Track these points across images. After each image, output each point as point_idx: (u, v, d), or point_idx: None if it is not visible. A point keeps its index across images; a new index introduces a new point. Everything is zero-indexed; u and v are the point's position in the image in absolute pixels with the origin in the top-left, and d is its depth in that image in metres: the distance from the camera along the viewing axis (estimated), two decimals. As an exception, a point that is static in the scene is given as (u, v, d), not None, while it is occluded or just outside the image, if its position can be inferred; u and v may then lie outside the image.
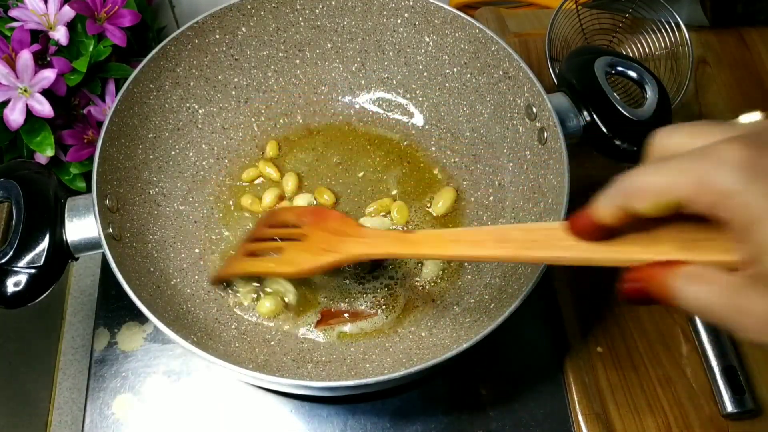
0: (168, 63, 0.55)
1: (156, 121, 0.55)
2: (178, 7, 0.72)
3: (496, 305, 0.50)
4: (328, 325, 0.53)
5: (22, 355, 0.63)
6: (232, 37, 0.58)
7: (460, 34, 0.56)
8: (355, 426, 0.54)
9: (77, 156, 0.58)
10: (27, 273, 0.44)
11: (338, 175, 0.60)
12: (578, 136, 0.52)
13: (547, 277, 0.58)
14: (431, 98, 0.61)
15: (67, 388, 0.67)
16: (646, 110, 0.51)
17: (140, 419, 0.54)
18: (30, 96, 0.54)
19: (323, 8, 0.58)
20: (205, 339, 0.49)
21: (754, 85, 0.71)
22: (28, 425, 0.62)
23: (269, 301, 0.53)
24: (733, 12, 0.74)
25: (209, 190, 0.59)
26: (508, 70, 0.54)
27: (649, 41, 0.67)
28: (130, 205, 0.52)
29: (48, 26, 0.56)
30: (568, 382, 0.55)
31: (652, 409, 0.54)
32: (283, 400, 0.54)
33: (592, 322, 0.58)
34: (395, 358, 0.50)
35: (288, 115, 0.62)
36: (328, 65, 0.62)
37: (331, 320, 0.53)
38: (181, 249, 0.55)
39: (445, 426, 0.53)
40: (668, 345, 0.57)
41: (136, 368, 0.56)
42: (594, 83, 0.52)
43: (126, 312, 0.58)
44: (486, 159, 0.58)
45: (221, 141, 0.60)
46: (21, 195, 0.46)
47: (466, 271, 0.55)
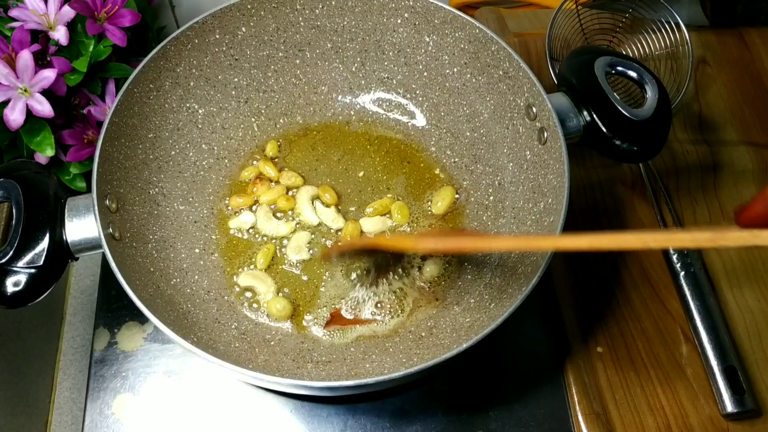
0: (168, 63, 0.55)
1: (156, 121, 0.55)
2: (178, 7, 0.72)
3: (496, 305, 0.50)
4: (336, 326, 0.53)
5: (22, 355, 0.63)
6: (232, 37, 0.58)
7: (460, 34, 0.56)
8: (355, 426, 0.54)
9: (77, 156, 0.58)
10: (27, 273, 0.44)
11: (338, 174, 0.60)
12: (578, 136, 0.52)
13: (547, 277, 0.58)
14: (431, 98, 0.61)
15: (67, 388, 0.67)
16: (646, 110, 0.51)
17: (140, 419, 0.54)
18: (30, 96, 0.54)
19: (323, 8, 0.58)
20: (205, 339, 0.49)
21: (754, 85, 0.71)
22: (28, 425, 0.62)
23: (280, 303, 0.53)
24: (733, 12, 0.74)
25: (209, 190, 0.59)
26: (508, 70, 0.54)
27: (649, 41, 0.67)
28: (130, 205, 0.52)
29: (48, 26, 0.56)
30: (568, 382, 0.55)
31: (652, 409, 0.54)
32: (283, 400, 0.54)
33: (592, 322, 0.58)
34: (395, 358, 0.50)
35: (288, 115, 0.62)
36: (328, 65, 0.62)
37: (338, 323, 0.53)
38: (181, 249, 0.55)
39: (445, 426, 0.53)
40: (668, 345, 0.57)
41: (136, 368, 0.56)
42: (594, 83, 0.52)
43: (126, 312, 0.58)
44: (486, 159, 0.58)
45: (221, 141, 0.60)
46: (21, 195, 0.46)
47: (466, 271, 0.55)
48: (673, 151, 0.66)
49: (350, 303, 0.54)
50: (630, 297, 0.59)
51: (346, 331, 0.53)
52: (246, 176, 0.59)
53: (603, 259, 0.61)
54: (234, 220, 0.57)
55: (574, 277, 0.59)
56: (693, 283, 0.58)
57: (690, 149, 0.67)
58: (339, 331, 0.53)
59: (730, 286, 0.59)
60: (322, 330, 0.53)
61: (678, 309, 0.58)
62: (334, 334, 0.53)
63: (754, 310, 0.58)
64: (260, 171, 0.59)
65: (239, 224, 0.57)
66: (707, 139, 0.67)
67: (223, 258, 0.56)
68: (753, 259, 0.61)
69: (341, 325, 0.53)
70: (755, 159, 0.66)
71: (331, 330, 0.53)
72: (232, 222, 0.57)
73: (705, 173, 0.66)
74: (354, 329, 0.53)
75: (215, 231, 0.57)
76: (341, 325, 0.53)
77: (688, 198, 0.64)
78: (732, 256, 0.61)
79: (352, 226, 0.57)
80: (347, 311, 0.54)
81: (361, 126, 0.62)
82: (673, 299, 0.58)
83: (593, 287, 0.59)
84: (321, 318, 0.53)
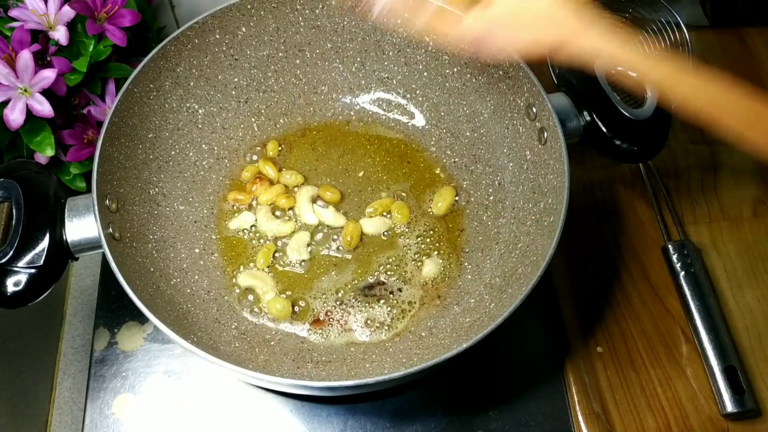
0: (168, 63, 0.55)
1: (156, 121, 0.55)
2: (178, 7, 0.72)
3: (496, 305, 0.50)
4: (322, 326, 0.53)
5: (22, 355, 0.63)
6: (232, 37, 0.58)
7: (460, 34, 0.56)
8: (355, 426, 0.54)
9: (77, 156, 0.58)
10: (27, 273, 0.44)
11: (338, 174, 0.60)
12: (578, 136, 0.52)
13: (547, 277, 0.58)
14: (431, 98, 0.61)
15: (67, 388, 0.67)
16: (646, 110, 0.51)
17: (140, 419, 0.54)
18: (30, 96, 0.54)
19: (323, 8, 0.58)
20: (205, 339, 0.49)
21: (754, 85, 0.71)
22: (28, 425, 0.62)
23: (280, 303, 0.53)
24: (733, 12, 0.74)
25: (209, 190, 0.59)
26: (508, 70, 0.54)
27: (649, 41, 0.67)
28: (130, 205, 0.52)
29: (48, 26, 0.56)
30: (568, 382, 0.55)
31: (652, 409, 0.54)
32: (283, 400, 0.54)
33: (592, 322, 0.58)
34: (395, 358, 0.50)
35: (288, 115, 0.62)
36: (328, 65, 0.61)
37: (324, 325, 0.53)
38: (181, 249, 0.55)
39: (445, 426, 0.53)
40: (668, 345, 0.57)
41: (136, 368, 0.56)
42: (594, 83, 0.52)
43: (126, 312, 0.58)
44: (486, 159, 0.58)
45: (221, 141, 0.60)
46: (21, 195, 0.46)
47: (466, 271, 0.55)
48: (673, 151, 0.66)
49: (341, 310, 0.54)
50: (630, 297, 0.59)
51: (346, 332, 0.53)
52: (246, 176, 0.59)
53: (603, 259, 0.61)
54: (234, 220, 0.57)
55: (574, 277, 0.59)
56: (693, 283, 0.58)
57: (690, 149, 0.67)
58: (337, 332, 0.53)
59: (730, 286, 0.59)
60: (314, 328, 0.53)
61: (678, 309, 0.58)
62: (330, 333, 0.53)
63: (754, 310, 0.58)
64: (260, 171, 0.59)
65: (239, 224, 0.57)
66: (707, 139, 0.67)
67: (223, 258, 0.56)
68: (753, 259, 0.61)
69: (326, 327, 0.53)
70: (755, 159, 0.66)
71: (316, 329, 0.53)
72: (232, 222, 0.57)
73: (705, 173, 0.66)
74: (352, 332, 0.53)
75: (215, 231, 0.57)
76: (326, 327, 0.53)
77: (688, 198, 0.64)
78: (732, 256, 0.61)
79: (353, 225, 0.56)
80: (336, 318, 0.53)
81: (361, 126, 0.62)
82: (673, 299, 0.58)
83: (593, 287, 0.59)
84: (319, 316, 0.53)
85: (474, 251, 0.56)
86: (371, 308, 0.54)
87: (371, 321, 0.53)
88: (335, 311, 0.54)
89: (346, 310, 0.54)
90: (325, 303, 0.54)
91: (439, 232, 0.57)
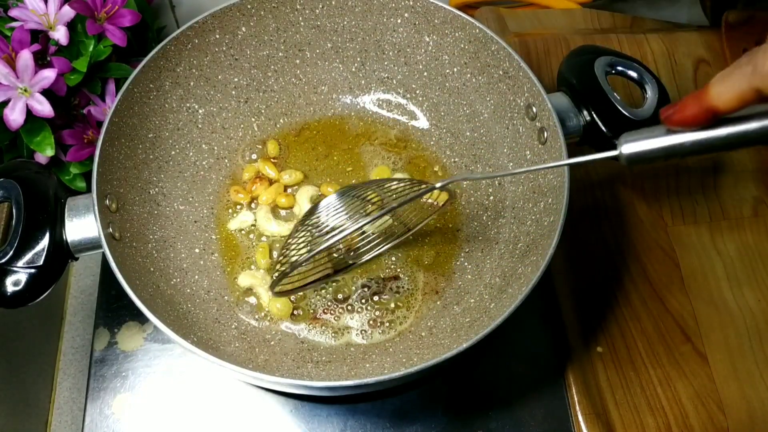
0: (168, 63, 0.55)
1: (156, 121, 0.55)
2: (178, 7, 0.72)
3: (496, 305, 0.49)
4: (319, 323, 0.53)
5: (22, 355, 0.63)
6: (232, 37, 0.58)
7: (460, 34, 0.56)
8: (355, 426, 0.54)
9: (77, 156, 0.58)
10: (27, 273, 0.44)
11: (338, 174, 0.60)
12: (578, 136, 0.52)
13: (547, 277, 0.58)
14: (431, 98, 0.61)
15: (67, 388, 0.67)
16: (646, 110, 0.51)
17: (140, 419, 0.54)
18: (30, 96, 0.54)
19: (323, 8, 0.58)
20: (205, 339, 0.49)
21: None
22: (28, 425, 0.62)
23: (280, 302, 0.53)
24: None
25: (209, 190, 0.59)
26: (508, 69, 0.54)
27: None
28: (130, 205, 0.52)
29: (48, 26, 0.56)
30: (568, 382, 0.55)
31: (652, 409, 0.54)
32: (283, 400, 0.54)
33: (592, 322, 0.58)
34: (395, 358, 0.50)
35: (288, 115, 0.62)
36: (328, 65, 0.62)
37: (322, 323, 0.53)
38: (181, 249, 0.55)
39: (444, 426, 0.53)
40: (668, 345, 0.57)
41: (136, 368, 0.56)
42: (594, 83, 0.52)
43: (126, 312, 0.58)
44: (486, 159, 0.58)
45: (221, 141, 0.60)
46: (21, 195, 0.46)
47: (466, 271, 0.55)
48: (673, 151, 0.66)
49: (341, 309, 0.54)
50: (630, 297, 0.59)
51: (346, 332, 0.53)
52: (246, 176, 0.59)
53: (603, 259, 0.61)
54: (234, 220, 0.57)
55: (574, 277, 0.59)
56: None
57: (690, 149, 0.67)
58: (339, 330, 0.53)
59: (730, 286, 0.59)
60: (316, 327, 0.53)
61: (678, 309, 0.58)
62: (330, 333, 0.53)
63: (754, 310, 0.58)
64: (260, 171, 0.59)
65: (239, 224, 0.57)
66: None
67: (223, 258, 0.56)
68: (753, 259, 0.61)
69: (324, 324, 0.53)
70: (755, 159, 0.66)
71: (316, 328, 0.53)
72: (232, 222, 0.57)
73: (705, 173, 0.66)
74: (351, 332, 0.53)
75: (215, 231, 0.57)
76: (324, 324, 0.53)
77: (688, 198, 0.64)
78: (732, 256, 0.61)
79: (352, 226, 0.56)
80: (336, 317, 0.54)
81: (361, 126, 0.62)
82: (673, 299, 0.58)
83: (593, 287, 0.59)
84: (319, 315, 0.53)
85: (474, 251, 0.56)
86: (371, 308, 0.54)
87: (371, 321, 0.53)
88: (335, 311, 0.54)
89: (346, 310, 0.54)
90: (325, 303, 0.54)
91: (439, 232, 0.57)
